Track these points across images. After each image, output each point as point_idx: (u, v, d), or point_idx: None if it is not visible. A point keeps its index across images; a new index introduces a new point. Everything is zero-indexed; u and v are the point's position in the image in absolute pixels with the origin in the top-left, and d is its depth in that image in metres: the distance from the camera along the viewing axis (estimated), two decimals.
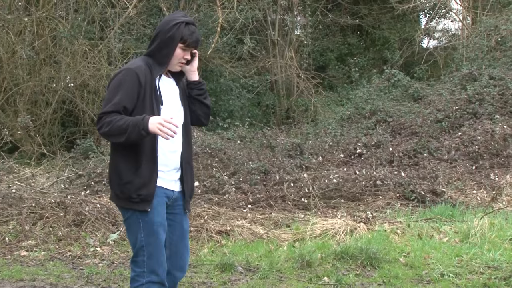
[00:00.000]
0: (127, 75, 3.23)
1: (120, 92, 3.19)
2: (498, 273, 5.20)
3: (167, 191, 3.36)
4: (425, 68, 17.10)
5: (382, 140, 10.07)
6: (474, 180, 8.81)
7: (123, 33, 12.77)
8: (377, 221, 6.87)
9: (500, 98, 10.70)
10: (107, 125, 3.13)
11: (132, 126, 3.09)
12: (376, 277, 5.22)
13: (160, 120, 3.09)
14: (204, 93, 3.54)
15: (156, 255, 3.30)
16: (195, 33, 3.34)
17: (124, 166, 3.25)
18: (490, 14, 14.81)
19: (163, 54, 3.30)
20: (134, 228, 3.31)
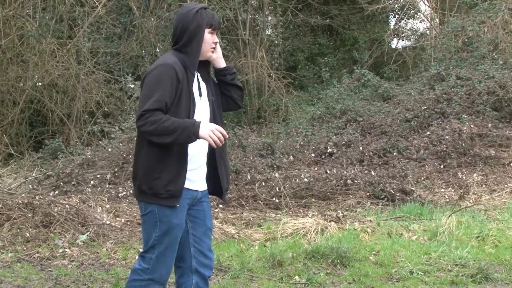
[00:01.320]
0: (165, 71, 3.19)
1: (161, 88, 3.15)
2: (465, 270, 5.29)
3: (192, 192, 3.33)
4: (394, 68, 17.27)
5: (352, 139, 10.15)
6: (442, 179, 8.93)
7: (92, 32, 12.63)
8: (347, 220, 6.93)
9: (467, 98, 10.87)
10: (151, 124, 3.08)
11: (181, 129, 3.07)
12: (346, 276, 5.26)
13: (212, 127, 3.13)
14: (235, 77, 3.60)
15: (165, 256, 3.27)
16: (215, 15, 3.38)
17: (154, 161, 3.20)
18: (457, 15, 15.03)
19: (195, 44, 3.29)
20: (150, 226, 3.27)
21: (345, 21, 19.05)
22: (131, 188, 7.83)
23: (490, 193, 8.42)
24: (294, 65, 18.19)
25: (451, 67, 12.43)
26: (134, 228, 6.50)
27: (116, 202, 7.43)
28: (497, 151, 9.71)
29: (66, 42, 12.26)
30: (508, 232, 6.34)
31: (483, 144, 9.83)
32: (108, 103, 12.02)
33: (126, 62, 13.19)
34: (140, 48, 13.29)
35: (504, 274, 5.25)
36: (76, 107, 11.76)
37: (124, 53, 13.01)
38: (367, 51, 18.75)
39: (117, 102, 12.23)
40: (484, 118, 10.39)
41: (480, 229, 6.38)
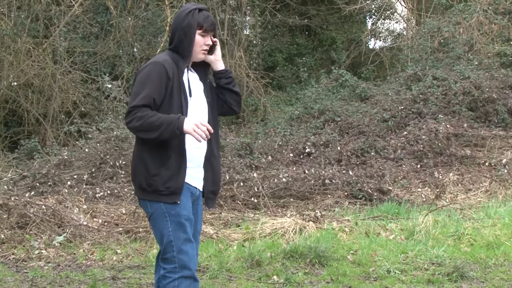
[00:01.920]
0: (154, 68, 3.20)
1: (149, 85, 3.16)
2: (442, 269, 5.34)
3: (191, 187, 3.32)
4: (372, 68, 17.39)
5: (330, 139, 10.20)
6: (419, 178, 9.02)
7: (68, 31, 12.51)
8: (325, 219, 6.96)
9: (443, 98, 10.98)
10: (138, 120, 3.10)
11: (166, 124, 3.07)
12: (324, 275, 5.29)
13: (196, 121, 3.10)
14: (232, 81, 3.55)
15: (186, 250, 3.23)
16: (209, 17, 3.34)
17: (152, 159, 3.20)
18: (433, 16, 15.19)
19: (185, 45, 3.28)
20: (160, 223, 3.24)
21: (323, 21, 19.13)
22: (109, 189, 7.79)
23: (465, 192, 8.52)
24: (273, 65, 18.21)
25: (427, 68, 12.55)
26: (112, 228, 6.46)
27: (93, 202, 7.37)
28: (472, 150, 9.82)
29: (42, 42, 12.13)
30: (483, 231, 6.42)
31: (459, 144, 9.94)
32: (85, 103, 11.92)
33: (103, 62, 13.09)
34: (118, 48, 13.20)
35: (480, 272, 5.32)
36: (52, 107, 11.63)
37: (101, 53, 12.91)
38: (344, 51, 18.85)
39: (94, 102, 12.13)
40: (460, 118, 10.50)
41: (456, 228, 6.46)
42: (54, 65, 11.92)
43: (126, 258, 5.80)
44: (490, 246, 5.97)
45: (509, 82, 11.26)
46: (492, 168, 9.16)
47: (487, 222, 6.76)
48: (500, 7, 13.38)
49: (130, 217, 6.74)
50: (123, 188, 7.87)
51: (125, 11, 13.20)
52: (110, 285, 5.10)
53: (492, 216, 7.05)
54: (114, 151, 8.81)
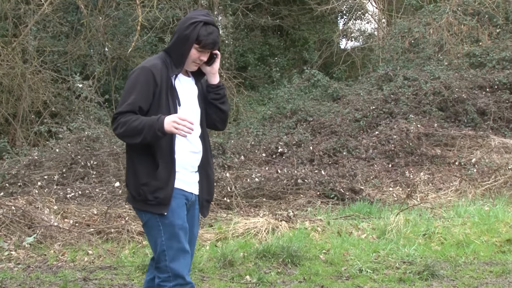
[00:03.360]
0: (141, 74, 3.15)
1: (135, 91, 3.11)
2: (413, 267, 5.40)
3: (187, 193, 3.27)
4: (344, 68, 17.50)
5: (303, 139, 10.23)
6: (390, 178, 9.10)
7: (38, 30, 12.34)
8: (298, 219, 6.99)
9: (414, 98, 11.10)
10: (122, 126, 3.06)
11: (148, 127, 3.03)
12: (297, 275, 5.30)
13: (174, 118, 3.04)
14: (221, 98, 3.43)
15: (178, 258, 3.20)
16: (212, 34, 3.21)
17: (141, 167, 3.16)
18: (404, 16, 15.34)
19: (179, 54, 3.22)
20: (154, 232, 3.20)
21: (295, 21, 19.19)
22: (80, 189, 7.70)
23: (436, 191, 8.62)
24: (245, 65, 18.21)
25: (398, 68, 12.67)
26: (83, 229, 6.39)
27: (64, 203, 7.28)
28: (442, 150, 9.94)
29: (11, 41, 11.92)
30: (454, 229, 6.51)
31: (430, 144, 10.06)
32: (55, 102, 11.76)
33: (74, 61, 12.95)
34: (88, 47, 13.06)
35: (450, 270, 5.39)
36: (22, 107, 11.46)
37: (71, 52, 12.76)
38: (316, 51, 18.94)
39: (65, 102, 11.98)
40: (430, 118, 10.63)
41: (426, 227, 6.53)
42: (24, 64, 11.74)
43: (97, 259, 5.74)
44: (460, 245, 6.06)
45: (478, 83, 11.43)
46: (462, 168, 9.29)
47: (457, 221, 6.86)
48: (469, 9, 13.58)
49: (102, 218, 6.68)
50: (94, 188, 7.79)
51: (96, 10, 13.06)
52: (82, 286, 5.04)
53: (462, 215, 7.15)
54: (86, 151, 8.72)
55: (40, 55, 12.18)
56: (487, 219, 6.82)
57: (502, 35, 13.45)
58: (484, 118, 10.77)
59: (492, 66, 12.05)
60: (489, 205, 7.64)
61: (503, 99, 11.00)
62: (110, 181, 8.03)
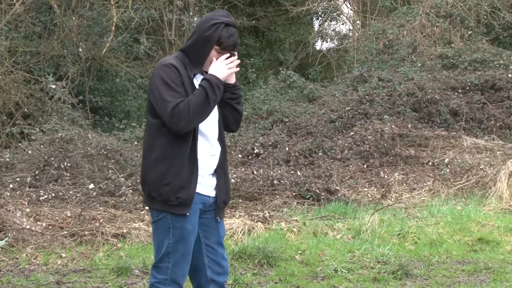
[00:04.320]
0: (165, 69, 3.10)
1: (169, 85, 3.07)
2: (387, 267, 5.45)
3: (204, 197, 3.22)
4: (319, 69, 17.58)
5: (279, 140, 10.25)
6: (365, 178, 9.16)
7: (10, 30, 12.16)
8: (274, 220, 7.00)
9: (388, 99, 11.19)
10: (185, 115, 3.01)
11: (209, 92, 3.06)
12: (273, 276, 5.31)
13: (220, 63, 3.14)
14: (237, 98, 3.39)
15: (181, 264, 3.16)
16: (233, 36, 3.20)
17: (164, 167, 3.09)
18: (378, 18, 15.47)
19: (198, 54, 3.18)
20: (163, 233, 3.15)
21: (270, 22, 19.23)
22: (53, 191, 7.61)
23: (410, 191, 8.71)
24: None
25: (373, 69, 12.77)
26: (56, 232, 6.32)
27: (37, 205, 7.19)
28: (416, 150, 10.04)
29: None
30: (427, 229, 6.58)
31: (404, 144, 10.15)
32: (28, 104, 11.60)
33: (46, 62, 12.79)
34: (62, 48, 12.92)
35: (423, 270, 5.45)
36: None
37: (44, 53, 12.60)
38: (292, 52, 19.00)
39: (37, 103, 11.83)
40: (404, 119, 10.73)
41: (401, 226, 6.59)
42: None
43: (71, 262, 5.68)
44: (433, 244, 6.13)
45: (450, 84, 11.57)
46: (435, 168, 9.39)
47: (431, 221, 6.93)
48: (442, 10, 13.75)
49: (76, 220, 6.61)
50: (68, 190, 7.71)
51: (69, 10, 12.93)
52: None
53: (435, 214, 7.23)
54: (59, 153, 8.63)
55: (12, 55, 11.99)
56: (460, 219, 6.91)
57: (473, 37, 13.65)
58: (457, 118, 10.90)
59: (464, 68, 12.21)
60: (462, 205, 7.74)
61: (475, 100, 11.15)
62: (84, 183, 7.96)
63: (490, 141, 10.12)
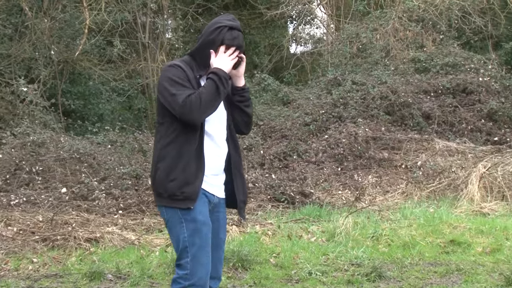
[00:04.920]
0: (170, 70, 3.16)
1: (177, 83, 3.12)
2: (361, 269, 5.48)
3: (208, 194, 3.25)
4: (294, 73, 17.64)
5: (253, 143, 10.26)
6: (339, 181, 9.22)
7: None
8: (248, 223, 6.99)
9: (362, 102, 11.28)
10: (198, 105, 3.06)
11: (219, 83, 3.12)
12: (247, 279, 5.30)
13: (222, 56, 3.19)
14: (246, 101, 3.43)
15: (200, 257, 3.16)
16: (237, 39, 3.26)
17: (171, 163, 3.13)
18: (352, 22, 15.59)
19: (203, 57, 3.23)
20: (177, 229, 3.17)
21: (245, 26, 19.22)
22: (24, 196, 7.51)
23: (383, 194, 8.78)
24: None
25: (347, 73, 12.87)
26: (27, 237, 6.23)
27: (7, 210, 7.08)
28: (390, 153, 10.13)
29: None
30: (400, 231, 6.63)
31: (377, 147, 10.24)
32: None
33: (18, 65, 12.60)
34: (33, 50, 12.75)
35: (396, 272, 5.49)
36: None
37: (15, 55, 12.42)
38: (266, 55, 19.03)
39: (8, 106, 11.65)
40: (378, 122, 10.83)
41: (374, 229, 6.64)
42: None
43: (42, 267, 5.60)
44: (406, 246, 6.18)
45: (423, 87, 11.71)
46: (408, 170, 9.49)
47: (404, 223, 6.99)
48: (414, 15, 13.92)
49: (48, 225, 6.52)
50: (40, 194, 7.61)
51: (41, 12, 12.77)
52: None
53: (408, 217, 7.30)
54: (31, 157, 8.52)
55: None
56: (432, 221, 6.98)
57: (445, 41, 13.84)
58: (429, 122, 11.04)
59: (436, 72, 12.38)
60: (434, 207, 7.83)
61: (447, 103, 11.30)
62: (57, 187, 7.87)
63: (462, 144, 10.26)
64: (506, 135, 10.72)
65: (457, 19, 14.13)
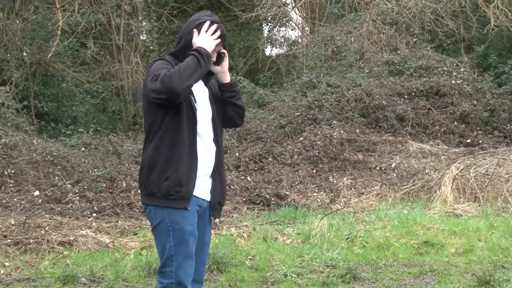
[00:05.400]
0: (154, 63, 3.13)
1: (157, 68, 3.08)
2: (336, 271, 5.50)
3: (199, 200, 3.21)
4: (269, 75, 17.68)
5: (229, 145, 10.25)
6: (315, 183, 9.25)
7: None
8: (224, 225, 6.98)
9: (337, 105, 11.35)
10: (177, 74, 2.98)
11: (200, 57, 3.06)
12: (222, 281, 5.29)
13: (204, 35, 3.16)
14: (236, 95, 3.44)
15: (185, 266, 3.13)
16: (218, 32, 3.25)
17: (163, 162, 3.09)
18: (327, 25, 15.68)
19: (187, 55, 3.15)
20: (163, 236, 3.13)
21: None
22: None
23: (358, 196, 8.83)
24: None
25: (322, 75, 12.93)
26: None
27: None
28: (364, 155, 10.20)
29: None
30: (375, 233, 6.68)
31: (352, 149, 10.30)
32: None
33: None
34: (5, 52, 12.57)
35: (371, 273, 5.52)
36: None
37: None
38: (242, 58, 19.04)
39: None
40: (353, 124, 10.90)
41: (349, 230, 6.67)
42: None
43: (15, 271, 5.52)
44: (381, 248, 6.22)
45: (397, 90, 11.83)
46: (383, 172, 9.56)
47: (378, 225, 7.05)
48: (388, 18, 14.06)
49: (20, 228, 6.43)
50: (12, 198, 7.50)
51: (12, 13, 12.61)
52: None
53: (382, 218, 7.35)
54: (3, 160, 8.39)
55: None
56: (406, 222, 7.04)
57: (418, 44, 14.01)
58: (403, 124, 11.15)
59: (410, 74, 12.51)
60: (408, 209, 7.90)
61: (420, 105, 11.43)
62: (29, 190, 7.77)
63: (435, 146, 10.38)
64: (478, 137, 10.88)
65: (430, 22, 14.31)
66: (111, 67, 15.55)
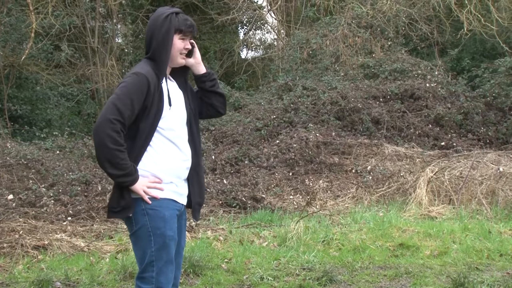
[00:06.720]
0: (136, 82, 3.07)
1: (129, 99, 3.04)
2: (312, 273, 5.52)
3: (178, 204, 3.22)
4: (245, 78, 17.70)
5: (205, 148, 10.23)
6: (291, 186, 9.27)
7: None
8: (200, 228, 6.96)
9: (312, 108, 11.40)
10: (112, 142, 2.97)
11: (129, 172, 3.02)
12: (199, 285, 5.28)
13: (146, 183, 3.06)
14: (216, 83, 3.44)
15: (166, 272, 3.13)
16: (188, 20, 3.23)
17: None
18: (302, 28, 15.76)
19: (163, 50, 3.14)
20: (143, 242, 3.12)
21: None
22: None
23: (334, 198, 8.87)
24: None
25: (297, 78, 12.98)
26: None
27: None
28: (340, 158, 10.25)
29: None
30: (351, 235, 6.72)
31: (328, 152, 10.35)
32: None
33: None
34: None
35: (347, 276, 5.56)
36: None
37: None
38: (218, 61, 19.03)
39: None
40: (329, 127, 10.95)
41: (325, 233, 6.70)
42: None
43: None
44: (357, 250, 6.26)
45: (372, 93, 11.92)
46: (358, 175, 9.62)
47: (354, 227, 7.09)
48: (363, 21, 14.17)
49: None
50: None
51: None
52: None
53: (358, 221, 7.40)
54: None
55: None
56: (382, 225, 7.10)
57: (393, 47, 14.14)
58: (378, 127, 11.23)
59: (385, 77, 12.62)
60: (383, 211, 7.97)
61: (395, 108, 11.53)
62: (3, 193, 7.65)
63: (410, 148, 10.48)
64: (453, 140, 11.01)
65: (405, 26, 14.47)
66: (86, 70, 15.42)
